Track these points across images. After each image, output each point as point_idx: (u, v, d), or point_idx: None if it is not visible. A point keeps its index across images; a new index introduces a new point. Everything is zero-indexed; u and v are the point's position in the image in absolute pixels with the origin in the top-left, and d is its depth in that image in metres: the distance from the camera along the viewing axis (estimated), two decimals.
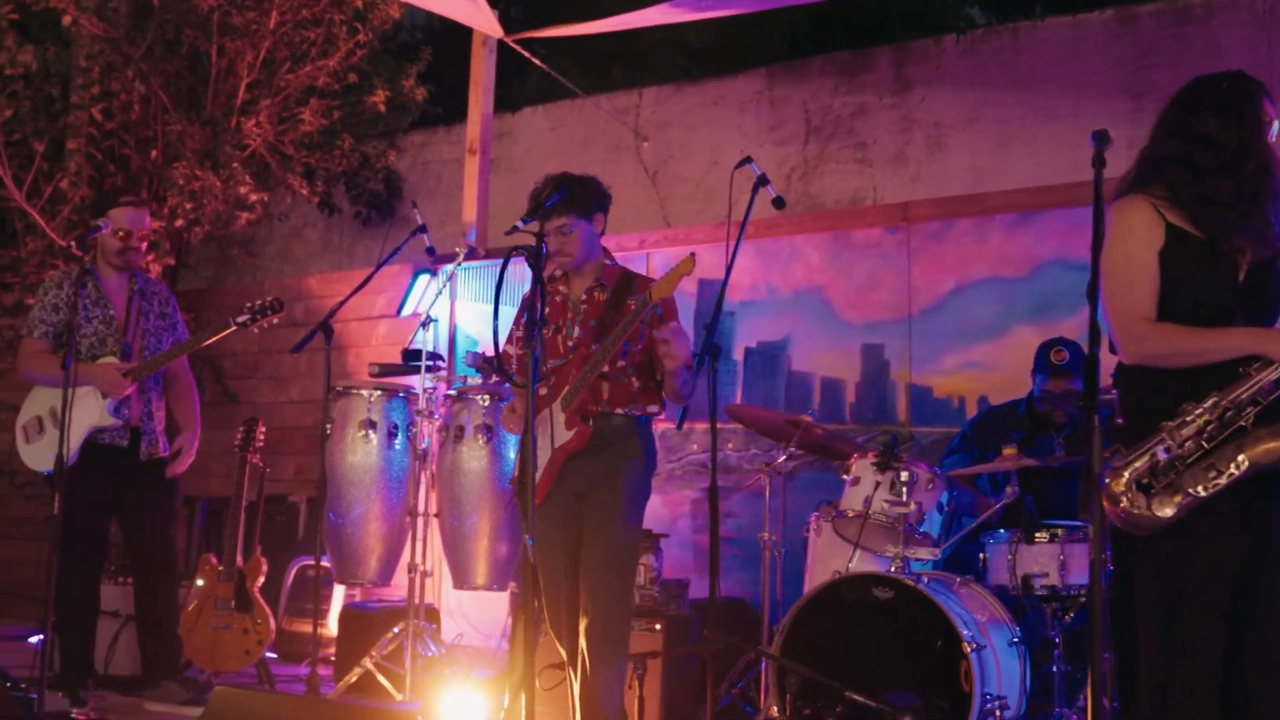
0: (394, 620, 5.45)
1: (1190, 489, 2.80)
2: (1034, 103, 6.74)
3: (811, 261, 6.42)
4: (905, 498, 4.34)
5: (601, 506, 3.96)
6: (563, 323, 4.08)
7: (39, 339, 5.20)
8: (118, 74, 7.70)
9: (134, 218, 5.24)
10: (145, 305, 5.29)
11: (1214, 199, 3.01)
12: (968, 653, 3.87)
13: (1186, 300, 3.00)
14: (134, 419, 5.17)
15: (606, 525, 3.94)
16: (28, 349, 5.24)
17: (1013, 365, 5.81)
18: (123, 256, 5.23)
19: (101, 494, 5.16)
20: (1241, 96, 3.09)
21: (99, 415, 5.07)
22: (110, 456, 5.14)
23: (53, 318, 5.20)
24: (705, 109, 7.71)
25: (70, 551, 5.07)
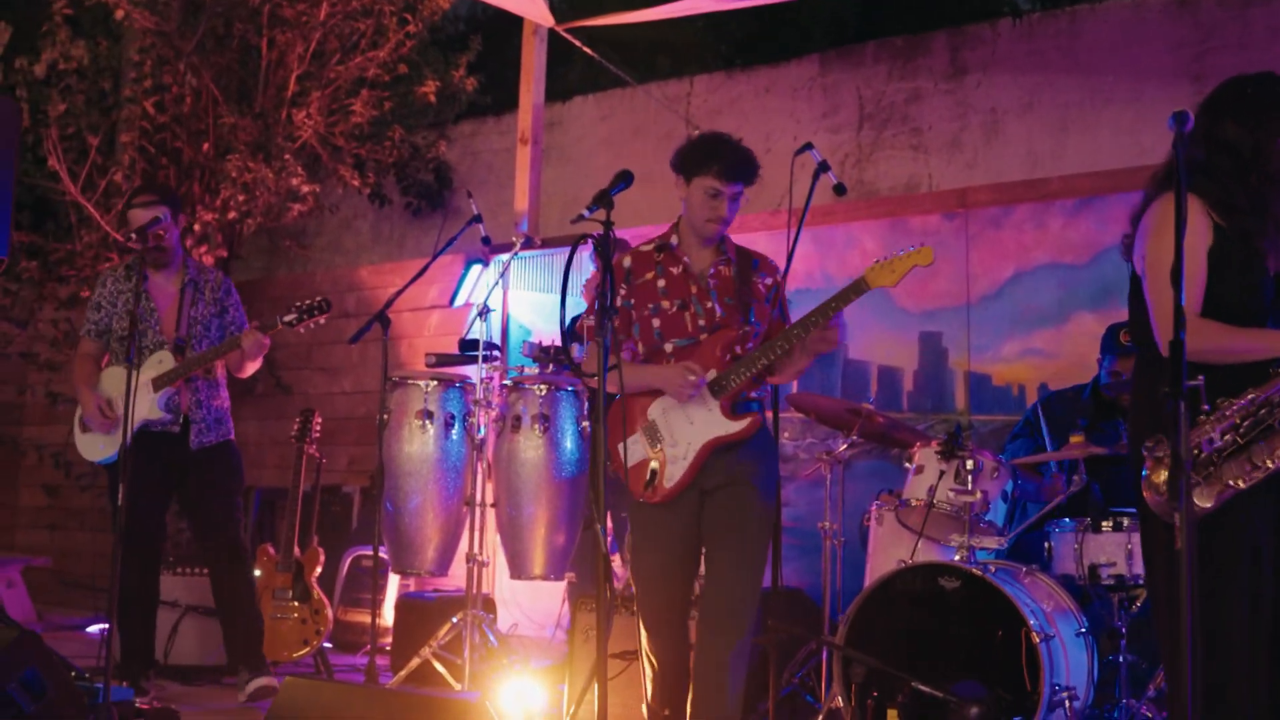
0: (451, 610, 5.44)
1: (1230, 481, 2.86)
2: (1092, 87, 6.64)
3: (868, 248, 6.36)
4: (970, 486, 4.29)
5: (749, 499, 3.78)
6: (688, 298, 3.83)
7: (85, 337, 5.35)
8: (169, 67, 7.75)
9: (140, 217, 5.19)
10: (197, 295, 5.30)
11: (1234, 206, 3.08)
12: (1037, 643, 3.82)
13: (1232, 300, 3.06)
14: (184, 408, 5.19)
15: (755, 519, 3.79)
16: (79, 350, 5.40)
17: (1073, 352, 5.74)
18: (152, 255, 5.20)
19: (155, 483, 5.19)
20: (1263, 100, 3.11)
21: (149, 408, 5.09)
22: (162, 445, 5.16)
23: (94, 315, 5.33)
24: (757, 96, 7.66)
25: (127, 542, 5.10)
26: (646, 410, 3.81)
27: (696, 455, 3.73)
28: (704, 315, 3.83)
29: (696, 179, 3.82)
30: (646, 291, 3.85)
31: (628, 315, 3.84)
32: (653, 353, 3.84)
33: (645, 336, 3.83)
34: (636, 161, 7.99)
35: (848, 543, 5.22)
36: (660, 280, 3.87)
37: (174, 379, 5.12)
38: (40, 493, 9.34)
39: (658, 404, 3.80)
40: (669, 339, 3.81)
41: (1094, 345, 5.59)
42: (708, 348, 3.80)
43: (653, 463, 3.75)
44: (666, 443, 3.75)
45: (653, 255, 3.91)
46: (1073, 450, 4.32)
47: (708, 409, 3.74)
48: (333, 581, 6.95)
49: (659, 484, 3.74)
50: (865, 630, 4.17)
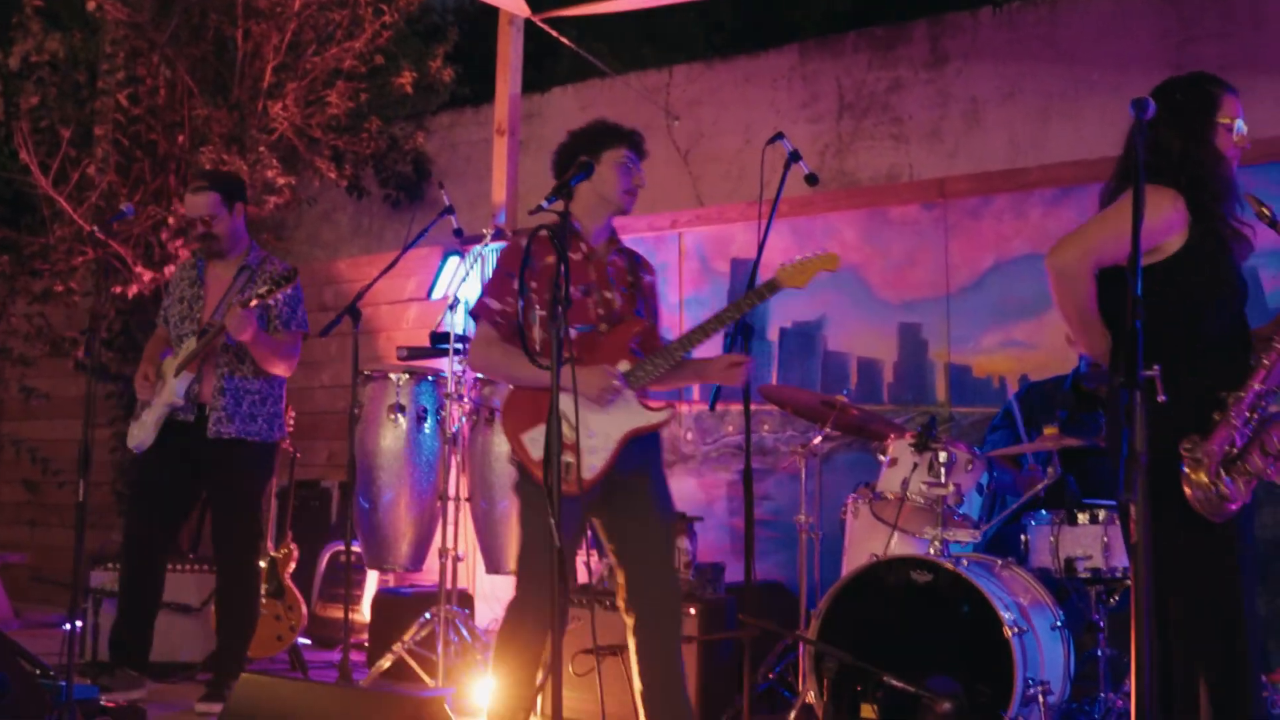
0: (426, 606, 5.40)
1: (1254, 472, 2.94)
2: (1074, 76, 6.57)
3: (847, 239, 6.30)
4: (944, 479, 4.24)
5: (663, 490, 3.85)
6: (590, 284, 3.80)
7: (158, 324, 5.34)
8: (143, 59, 7.66)
9: (191, 203, 5.12)
10: (248, 283, 5.10)
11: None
12: (1009, 637, 3.77)
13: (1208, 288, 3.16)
14: (205, 395, 5.05)
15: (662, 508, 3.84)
16: (154, 333, 5.37)
17: (1054, 344, 5.68)
18: (200, 244, 5.16)
19: (172, 474, 5.09)
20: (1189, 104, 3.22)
21: (170, 393, 5.01)
22: (181, 434, 5.05)
23: (164, 301, 5.33)
24: (737, 86, 7.58)
25: (130, 535, 5.09)
26: None
27: (617, 445, 3.68)
28: (603, 304, 3.82)
29: (607, 153, 3.82)
30: (548, 275, 3.73)
31: (528, 301, 3.73)
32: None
33: (545, 323, 3.75)
34: None
35: (826, 536, 5.17)
36: (561, 264, 3.80)
37: (189, 361, 4.99)
38: (19, 488, 9.26)
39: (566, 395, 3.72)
40: (571, 325, 3.72)
41: None
42: (614, 340, 3.79)
43: (567, 454, 3.58)
44: (582, 432, 3.63)
45: (549, 239, 3.74)
46: (1046, 442, 4.27)
47: (624, 398, 3.72)
48: (311, 578, 6.89)
49: (576, 474, 3.59)
50: (838, 625, 4.12)
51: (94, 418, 4.73)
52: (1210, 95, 3.27)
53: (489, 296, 3.79)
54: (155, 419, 5.06)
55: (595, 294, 3.80)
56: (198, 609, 5.68)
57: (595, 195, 3.83)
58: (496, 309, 3.76)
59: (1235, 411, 2.97)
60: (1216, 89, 3.30)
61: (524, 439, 3.71)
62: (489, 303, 3.78)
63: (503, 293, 3.77)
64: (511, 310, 3.71)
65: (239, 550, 5.12)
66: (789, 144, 4.66)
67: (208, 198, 5.07)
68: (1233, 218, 3.22)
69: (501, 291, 3.77)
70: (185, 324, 5.10)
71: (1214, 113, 3.24)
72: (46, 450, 8.76)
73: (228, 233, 5.13)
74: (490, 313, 3.77)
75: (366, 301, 8.07)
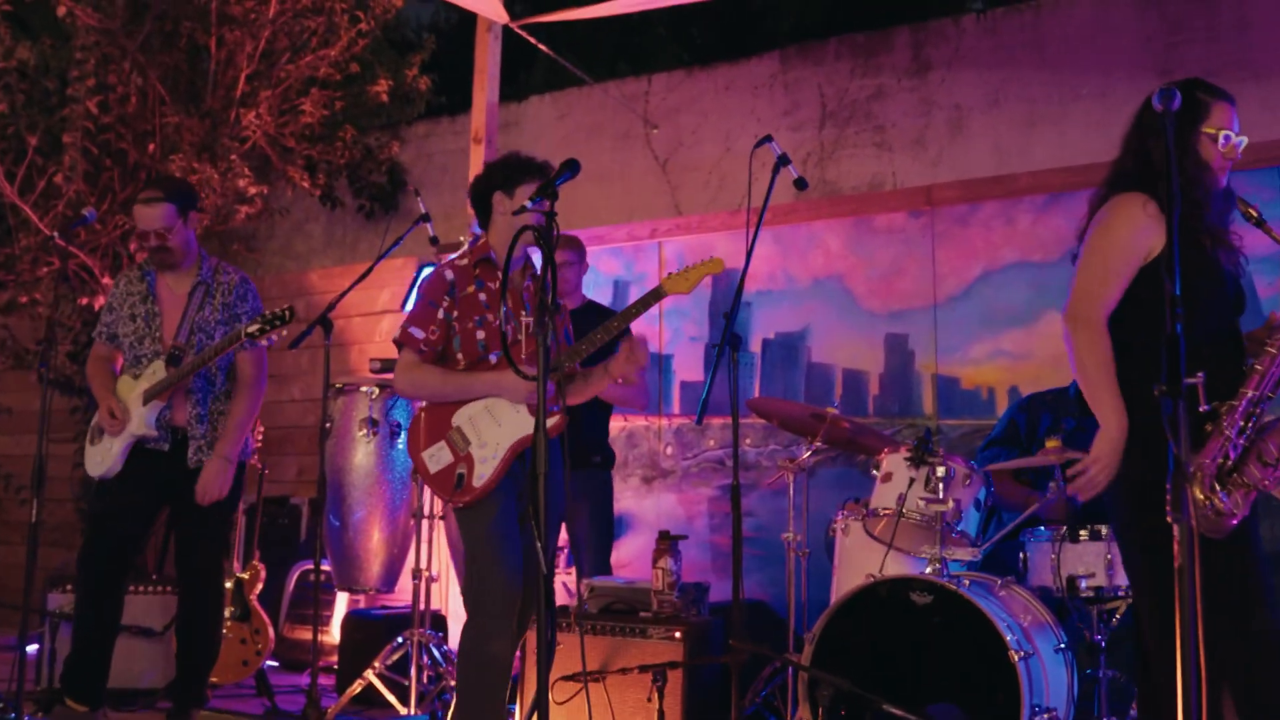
0: (398, 628, 5.21)
1: (1252, 483, 2.83)
2: (1059, 82, 6.45)
3: (831, 248, 6.16)
4: (942, 494, 4.07)
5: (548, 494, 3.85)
6: (509, 310, 3.89)
7: (97, 339, 5.01)
8: (114, 66, 7.45)
9: (145, 215, 4.82)
10: (206, 298, 4.88)
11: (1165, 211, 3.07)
12: (1015, 661, 3.60)
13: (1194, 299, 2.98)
14: (179, 421, 4.78)
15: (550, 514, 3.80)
16: (91, 353, 5.04)
17: (1045, 353, 5.55)
18: (153, 257, 4.87)
19: (139, 503, 4.79)
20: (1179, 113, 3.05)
21: (139, 424, 4.71)
22: (153, 463, 4.77)
23: (106, 317, 4.97)
24: (717, 94, 7.44)
25: (88, 561, 4.79)
26: (451, 418, 3.85)
27: (506, 454, 3.77)
28: (520, 329, 3.92)
29: (520, 188, 3.91)
30: (469, 304, 3.89)
31: (446, 328, 3.89)
32: (476, 363, 3.88)
33: (468, 349, 3.88)
34: (594, 160, 7.79)
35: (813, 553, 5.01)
36: (480, 294, 3.93)
37: (160, 392, 4.70)
38: None
39: (463, 411, 3.84)
40: (492, 350, 3.87)
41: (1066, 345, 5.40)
42: (515, 357, 3.81)
43: (460, 467, 3.77)
44: (475, 444, 3.80)
45: (470, 270, 3.95)
46: (1049, 455, 4.11)
47: (515, 410, 3.82)
48: (279, 597, 6.68)
49: (468, 484, 3.76)
50: (833, 648, 3.94)
51: (48, 432, 4.55)
52: (1199, 103, 3.22)
53: (413, 326, 3.89)
54: (123, 447, 4.77)
55: (513, 320, 3.92)
56: (160, 633, 5.46)
57: (509, 228, 3.84)
58: (420, 338, 3.88)
59: (1228, 421, 2.86)
60: (1207, 97, 3.25)
61: (424, 456, 3.86)
62: (414, 332, 3.88)
63: (426, 321, 3.88)
64: (435, 338, 3.87)
65: (204, 572, 4.88)
66: (777, 148, 4.49)
67: (162, 209, 4.79)
68: (1217, 227, 3.16)
69: (425, 320, 3.88)
70: (145, 344, 4.82)
71: (1200, 121, 3.20)
72: (9, 465, 8.51)
73: (181, 244, 4.86)
74: (414, 341, 3.88)
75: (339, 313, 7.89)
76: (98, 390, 4.85)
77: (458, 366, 3.88)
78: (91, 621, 4.82)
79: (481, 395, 3.84)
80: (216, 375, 4.85)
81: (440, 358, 3.90)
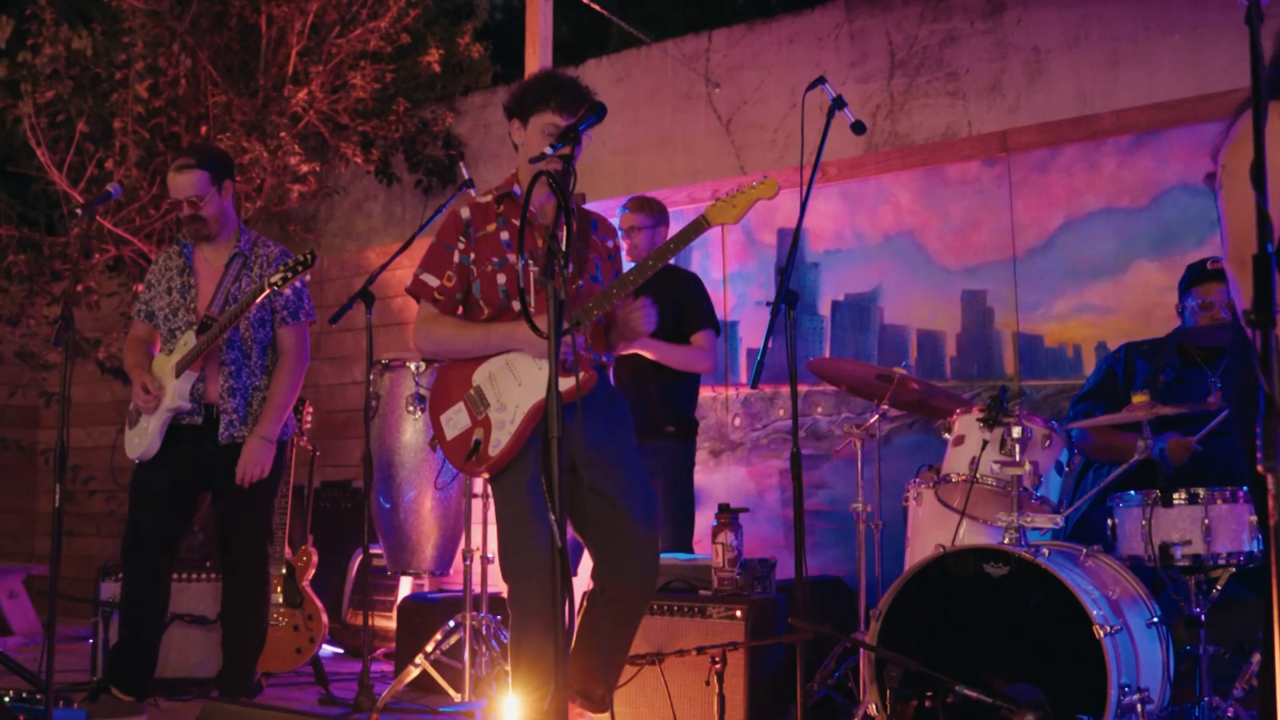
0: (455, 612, 4.98)
1: None
2: (1146, 16, 6.01)
3: (901, 203, 5.80)
4: (1018, 457, 3.72)
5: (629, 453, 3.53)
6: (535, 250, 3.47)
7: (135, 319, 4.87)
8: (164, 49, 7.32)
9: (177, 183, 4.66)
10: (243, 270, 4.71)
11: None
12: (1100, 637, 3.26)
13: None
14: (211, 396, 4.63)
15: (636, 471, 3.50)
16: (129, 334, 4.90)
17: (1134, 306, 5.16)
18: (187, 227, 4.71)
19: (178, 484, 4.66)
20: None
21: (172, 397, 4.58)
22: (190, 440, 4.64)
23: (145, 295, 4.83)
24: (780, 48, 7.09)
25: (131, 548, 4.66)
26: (470, 377, 3.46)
27: (525, 418, 3.35)
28: None
29: (534, 117, 3.50)
30: (489, 244, 3.49)
31: (465, 272, 3.49)
32: (498, 311, 3.48)
33: (488, 294, 3.47)
34: (655, 124, 7.50)
35: (888, 525, 4.69)
36: (503, 232, 3.50)
37: (192, 360, 4.56)
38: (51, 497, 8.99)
39: (483, 369, 3.45)
40: (515, 296, 3.43)
41: (1158, 297, 5.02)
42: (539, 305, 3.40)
43: (476, 432, 3.37)
44: (493, 408, 3.39)
45: (492, 207, 3.54)
46: (1136, 411, 3.75)
47: (538, 367, 3.39)
48: (342, 583, 6.52)
49: (483, 452, 3.35)
50: (901, 626, 3.63)
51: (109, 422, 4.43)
52: None
53: (426, 273, 3.53)
54: (159, 425, 4.64)
55: (540, 263, 3.48)
56: (214, 621, 5.29)
57: (525, 162, 3.49)
58: (434, 285, 3.51)
59: None
60: None
61: (442, 420, 3.50)
62: (426, 279, 3.52)
63: (441, 267, 3.52)
64: (453, 285, 3.49)
65: (248, 558, 4.72)
66: (831, 89, 4.18)
67: (194, 176, 4.64)
68: None
69: (439, 265, 3.52)
70: (179, 316, 4.68)
71: None
72: (75, 457, 8.47)
73: (216, 214, 4.71)
74: (427, 290, 3.52)
75: (395, 291, 7.74)
76: (131, 368, 4.71)
77: (481, 316, 3.49)
78: (137, 610, 4.69)
79: (499, 349, 3.43)
80: (252, 349, 4.68)
81: (463, 307, 3.52)
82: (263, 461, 4.61)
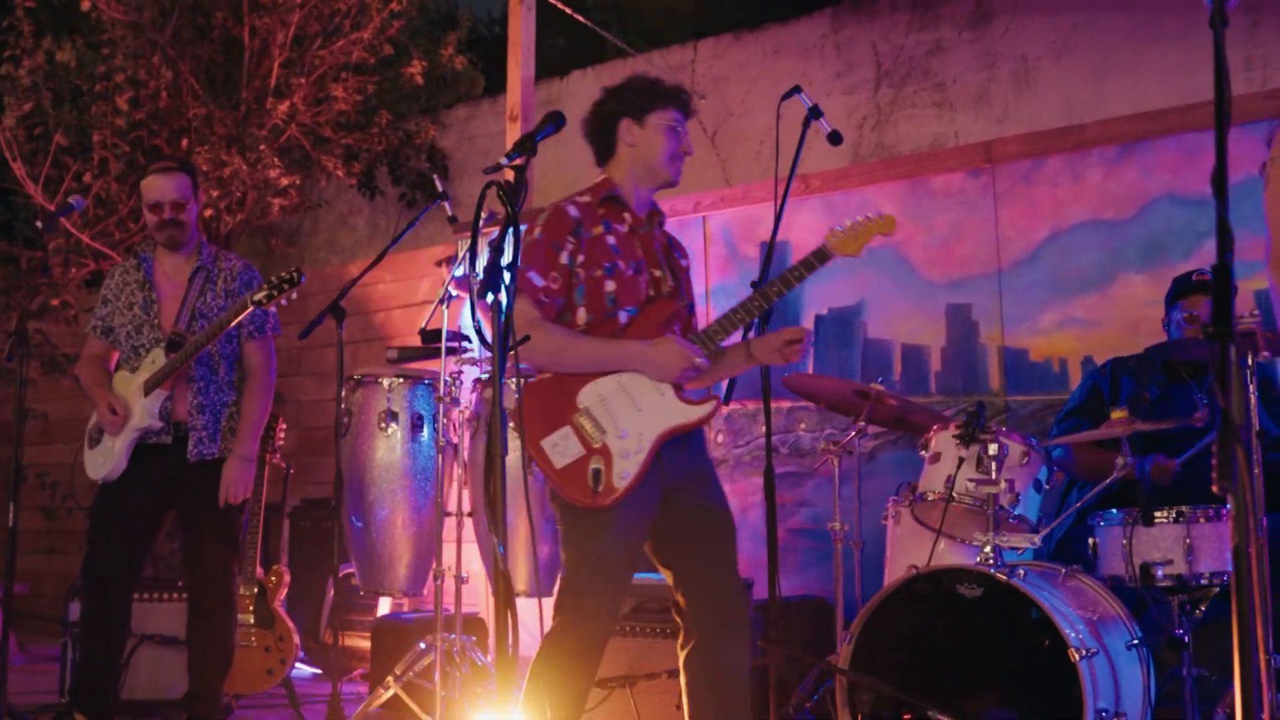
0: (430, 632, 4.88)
1: None
2: (1135, 25, 5.94)
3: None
4: (994, 475, 3.62)
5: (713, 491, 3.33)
6: (639, 260, 3.27)
7: (90, 335, 4.71)
8: (144, 61, 7.25)
9: (162, 185, 4.53)
10: (206, 284, 4.60)
11: None
12: (1076, 660, 3.16)
13: None
14: (180, 413, 4.52)
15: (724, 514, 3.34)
16: (84, 351, 4.76)
17: (1120, 319, 5.06)
18: (163, 232, 4.56)
19: (143, 505, 4.54)
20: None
21: (141, 416, 4.47)
22: (156, 459, 4.51)
23: (101, 311, 4.68)
24: (765, 59, 7.02)
25: (93, 570, 4.54)
26: (576, 397, 3.17)
27: (651, 447, 3.13)
28: (654, 284, 3.30)
29: (653, 115, 3.33)
30: (597, 248, 3.25)
31: (569, 276, 3.23)
32: (602, 321, 3.23)
33: (593, 303, 3.23)
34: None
35: (869, 544, 4.60)
36: (609, 237, 3.28)
37: (164, 378, 4.43)
38: (37, 516, 8.90)
39: (590, 390, 3.17)
40: (622, 307, 3.22)
41: (1144, 310, 4.92)
42: (648, 320, 3.24)
43: (594, 460, 3.10)
44: (610, 434, 3.12)
45: (594, 208, 3.31)
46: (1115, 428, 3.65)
47: (659, 392, 3.17)
48: (321, 602, 6.42)
49: (608, 483, 3.09)
50: (876, 647, 3.53)
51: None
52: None
53: (533, 270, 3.20)
54: (125, 445, 4.52)
55: (645, 273, 3.29)
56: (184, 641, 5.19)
57: (639, 163, 3.35)
58: (540, 285, 3.20)
59: None
60: None
61: (544, 446, 3.17)
62: (533, 278, 3.20)
63: (547, 266, 3.21)
64: (558, 288, 3.21)
65: (215, 576, 4.60)
66: (807, 99, 4.09)
67: (179, 179, 4.53)
68: None
69: (546, 264, 3.21)
70: (143, 333, 4.56)
71: None
72: (56, 475, 8.40)
73: (192, 222, 4.61)
74: (533, 289, 3.19)
75: (378, 306, 7.65)
76: (92, 389, 4.59)
77: (576, 324, 3.23)
78: (99, 633, 4.58)
79: (618, 368, 3.17)
80: (219, 364, 4.58)
81: (560, 313, 3.25)
82: (245, 482, 4.54)
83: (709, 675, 3.22)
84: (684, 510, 3.22)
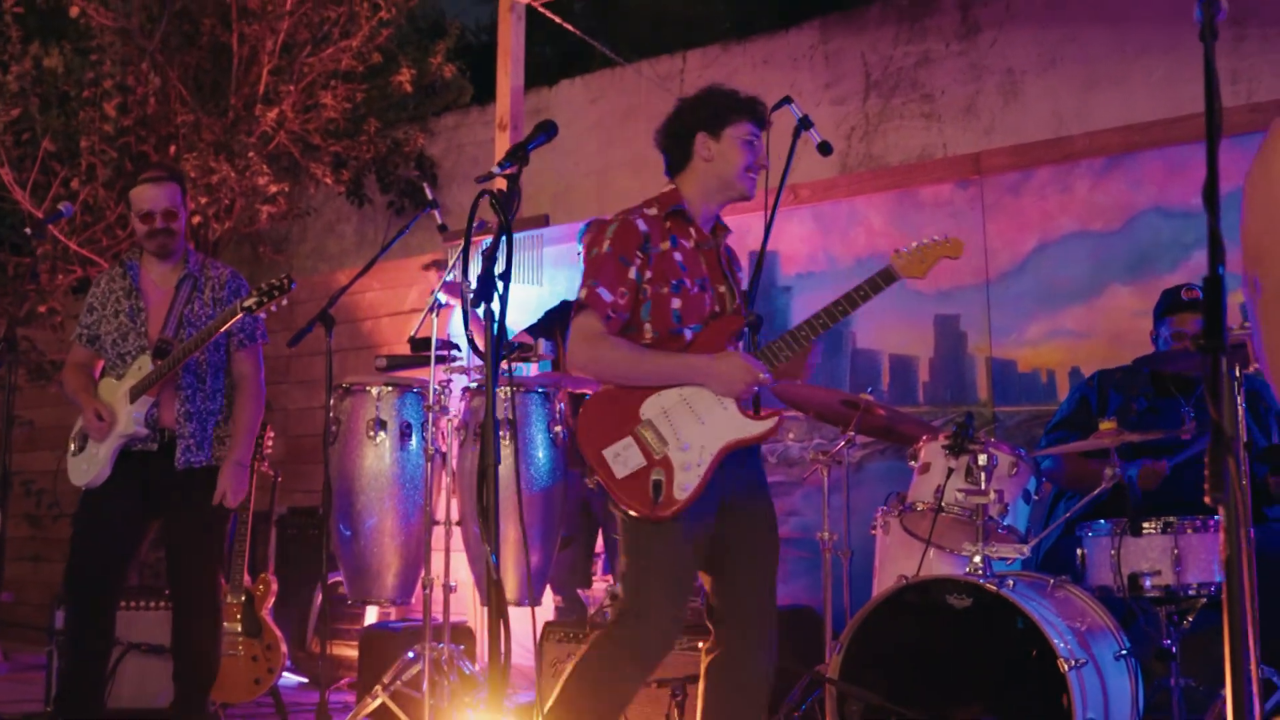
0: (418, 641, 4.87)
1: None
2: (1122, 38, 5.97)
3: (874, 225, 5.73)
4: (983, 485, 3.64)
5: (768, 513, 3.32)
6: (704, 277, 3.26)
7: (75, 343, 4.69)
8: (133, 67, 7.24)
9: (153, 195, 4.52)
10: (194, 292, 4.59)
11: None
12: (1065, 671, 3.17)
13: None
14: (167, 421, 4.50)
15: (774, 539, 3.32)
16: (68, 359, 4.74)
17: (1108, 330, 5.08)
18: (153, 240, 4.55)
19: (127, 512, 4.51)
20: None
21: (127, 423, 4.45)
22: (141, 466, 4.49)
23: (87, 319, 4.67)
24: (755, 69, 7.04)
25: (76, 575, 4.52)
26: (638, 410, 3.16)
27: (713, 459, 3.12)
28: (719, 301, 3.29)
29: (730, 128, 3.34)
30: (665, 264, 3.22)
31: (636, 291, 3.21)
32: (667, 338, 3.21)
33: (659, 319, 3.21)
34: (629, 146, 7.41)
35: (858, 554, 4.60)
36: (675, 252, 3.25)
37: (150, 385, 4.42)
38: (23, 523, 8.87)
39: (654, 402, 3.16)
40: (687, 324, 3.21)
41: (1131, 321, 4.94)
42: (712, 336, 3.23)
43: (655, 472, 3.10)
44: (672, 446, 3.12)
45: (660, 221, 3.27)
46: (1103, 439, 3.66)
47: (721, 405, 3.16)
48: (307, 611, 6.40)
49: (668, 495, 3.08)
50: (865, 657, 3.54)
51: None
52: None
53: (601, 285, 3.18)
54: (110, 452, 4.50)
55: (710, 289, 3.28)
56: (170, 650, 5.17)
57: (714, 176, 3.34)
58: (609, 301, 3.18)
59: None
60: None
61: (606, 455, 3.15)
62: (602, 293, 3.18)
63: (616, 281, 3.19)
64: (625, 303, 3.19)
65: (201, 584, 4.59)
66: (797, 109, 4.10)
67: (171, 188, 4.54)
68: None
69: (615, 279, 3.19)
70: (130, 340, 4.55)
71: None
72: (43, 482, 8.36)
73: (182, 230, 4.61)
74: (602, 305, 3.17)
75: (366, 314, 7.65)
76: (77, 395, 4.57)
77: (642, 339, 3.22)
78: (84, 641, 4.56)
79: (682, 382, 3.16)
80: (207, 372, 4.57)
81: (625, 328, 3.23)
82: (241, 486, 4.54)
83: (729, 688, 3.24)
84: (737, 524, 3.22)
